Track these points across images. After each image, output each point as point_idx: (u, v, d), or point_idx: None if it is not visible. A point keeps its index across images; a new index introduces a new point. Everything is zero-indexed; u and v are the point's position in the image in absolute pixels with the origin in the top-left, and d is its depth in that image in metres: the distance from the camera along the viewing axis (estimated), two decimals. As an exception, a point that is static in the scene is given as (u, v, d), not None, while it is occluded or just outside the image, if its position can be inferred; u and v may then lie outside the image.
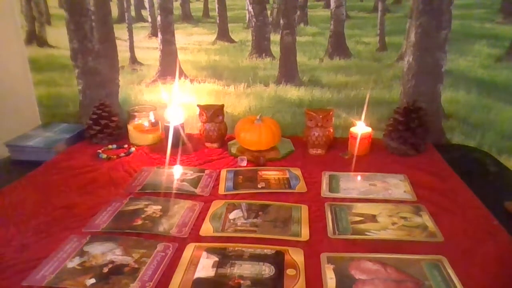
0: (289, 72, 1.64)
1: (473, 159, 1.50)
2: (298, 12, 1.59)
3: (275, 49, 1.63)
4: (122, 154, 1.45)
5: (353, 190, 1.21)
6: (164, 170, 1.35)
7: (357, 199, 1.16)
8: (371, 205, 1.13)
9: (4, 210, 1.11)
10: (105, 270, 0.87)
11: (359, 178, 1.30)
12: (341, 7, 1.57)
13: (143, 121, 1.56)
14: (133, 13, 1.66)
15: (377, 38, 1.58)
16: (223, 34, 1.66)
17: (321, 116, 1.40)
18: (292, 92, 1.65)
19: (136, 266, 0.88)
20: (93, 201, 1.15)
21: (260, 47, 1.64)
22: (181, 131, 1.51)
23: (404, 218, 1.06)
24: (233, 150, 1.49)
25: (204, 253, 0.92)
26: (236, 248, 0.94)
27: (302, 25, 1.60)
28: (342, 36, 1.59)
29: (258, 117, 1.45)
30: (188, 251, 0.94)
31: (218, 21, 1.65)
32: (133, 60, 1.70)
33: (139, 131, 1.56)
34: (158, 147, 1.52)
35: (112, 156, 1.43)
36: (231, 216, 1.08)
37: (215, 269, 0.87)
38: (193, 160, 1.43)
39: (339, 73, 1.62)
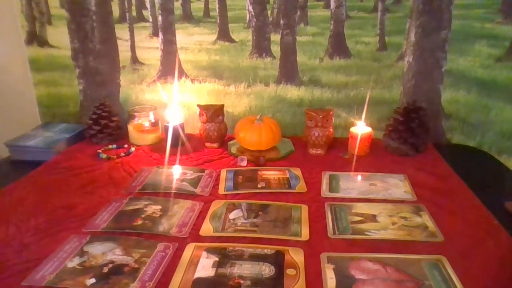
0: (289, 72, 1.64)
1: (473, 159, 1.50)
2: (298, 12, 1.59)
3: (275, 49, 1.63)
4: (122, 154, 1.46)
5: (353, 190, 1.21)
6: (164, 170, 1.35)
7: (357, 199, 1.16)
8: (371, 205, 1.13)
9: (4, 210, 1.11)
10: (105, 270, 0.87)
11: (359, 178, 1.30)
12: (341, 7, 1.57)
13: (143, 121, 1.56)
14: (134, 13, 1.66)
15: (377, 38, 1.58)
16: (224, 34, 1.66)
17: (321, 116, 1.40)
18: (292, 92, 1.66)
19: (136, 266, 0.89)
20: (93, 201, 1.15)
21: (261, 47, 1.64)
22: (181, 131, 1.51)
23: (404, 218, 1.06)
24: (233, 150, 1.49)
25: (204, 253, 0.92)
26: (236, 248, 0.94)
27: (302, 25, 1.60)
28: (342, 36, 1.59)
29: (258, 117, 1.45)
30: (188, 251, 0.94)
31: (218, 21, 1.65)
32: (134, 60, 1.70)
33: (139, 131, 1.56)
34: (158, 147, 1.52)
35: (112, 156, 1.43)
36: (231, 216, 1.08)
37: (215, 269, 0.87)
38: (193, 160, 1.43)
39: (339, 73, 1.62)
